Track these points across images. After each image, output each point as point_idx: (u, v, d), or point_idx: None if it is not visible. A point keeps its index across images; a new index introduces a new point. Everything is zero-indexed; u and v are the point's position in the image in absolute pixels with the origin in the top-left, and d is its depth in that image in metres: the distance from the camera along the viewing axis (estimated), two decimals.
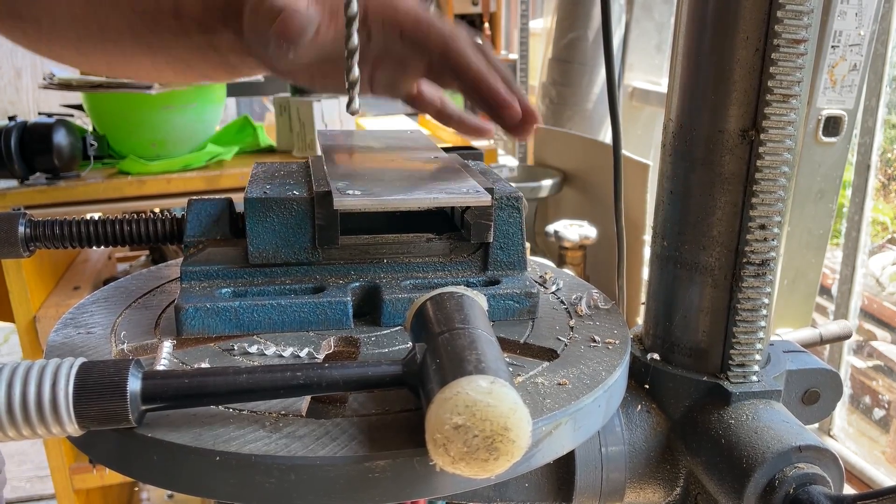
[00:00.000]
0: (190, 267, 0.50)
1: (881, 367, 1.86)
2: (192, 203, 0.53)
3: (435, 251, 0.54)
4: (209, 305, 0.47)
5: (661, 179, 0.54)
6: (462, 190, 0.50)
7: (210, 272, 0.50)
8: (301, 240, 0.50)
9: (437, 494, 0.38)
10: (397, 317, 0.50)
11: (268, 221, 0.50)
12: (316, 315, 0.49)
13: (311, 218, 0.50)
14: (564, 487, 0.53)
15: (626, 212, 0.63)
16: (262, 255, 0.50)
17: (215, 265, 0.51)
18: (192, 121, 1.69)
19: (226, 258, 0.51)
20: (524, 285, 0.52)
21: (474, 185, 0.51)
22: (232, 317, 0.48)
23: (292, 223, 0.50)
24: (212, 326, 0.47)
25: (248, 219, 0.50)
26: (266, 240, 0.50)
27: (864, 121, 1.58)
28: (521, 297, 0.52)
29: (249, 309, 0.48)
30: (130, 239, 0.55)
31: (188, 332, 0.47)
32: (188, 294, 0.49)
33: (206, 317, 0.47)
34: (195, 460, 0.36)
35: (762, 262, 0.50)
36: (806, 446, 0.46)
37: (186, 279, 0.50)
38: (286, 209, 0.50)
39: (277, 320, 0.48)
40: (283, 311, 0.48)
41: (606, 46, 0.61)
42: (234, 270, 0.51)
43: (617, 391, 0.47)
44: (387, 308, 0.50)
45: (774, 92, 0.46)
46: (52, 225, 0.53)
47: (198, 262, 0.51)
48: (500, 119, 0.62)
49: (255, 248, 0.50)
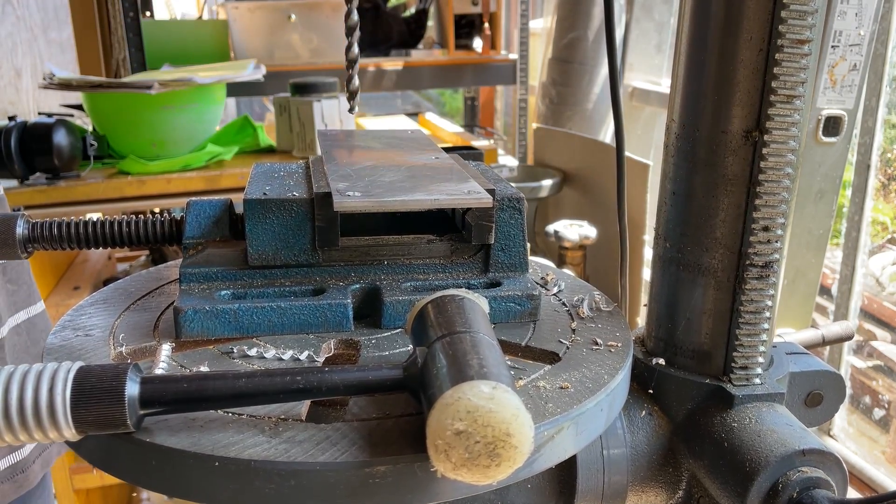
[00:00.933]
0: (189, 268, 0.50)
1: (881, 367, 1.86)
2: (192, 204, 0.53)
3: (436, 253, 0.53)
4: (208, 308, 0.47)
5: (664, 180, 0.53)
6: (463, 191, 0.50)
7: (209, 274, 0.50)
8: (301, 241, 0.50)
9: (438, 500, 0.37)
10: (398, 319, 0.49)
11: (267, 223, 0.49)
12: (316, 317, 0.48)
13: (311, 219, 0.50)
14: (566, 491, 0.53)
15: (626, 211, 0.63)
16: (262, 257, 0.50)
17: (215, 267, 0.50)
18: (192, 121, 1.69)
19: (225, 259, 0.51)
20: (526, 287, 0.52)
21: (475, 186, 0.51)
22: (231, 319, 0.47)
23: (292, 224, 0.50)
24: (211, 329, 0.47)
25: (248, 220, 0.49)
26: (266, 241, 0.50)
27: (864, 121, 1.58)
28: (523, 299, 0.51)
29: (249, 311, 0.47)
30: (129, 240, 0.55)
31: (187, 335, 0.47)
32: (187, 296, 0.48)
33: (206, 319, 0.47)
34: (194, 466, 0.36)
35: (765, 264, 0.49)
36: (809, 450, 0.45)
37: (186, 281, 0.50)
38: (286, 210, 0.49)
39: (277, 323, 0.48)
40: (283, 313, 0.48)
41: (609, 46, 0.61)
42: (234, 272, 0.50)
43: (619, 395, 0.47)
44: (387, 310, 0.49)
45: (778, 93, 0.46)
46: (51, 226, 0.53)
47: (197, 263, 0.50)
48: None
49: (255, 249, 0.50)
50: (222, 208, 0.53)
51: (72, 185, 1.56)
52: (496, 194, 0.51)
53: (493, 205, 0.50)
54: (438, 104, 5.45)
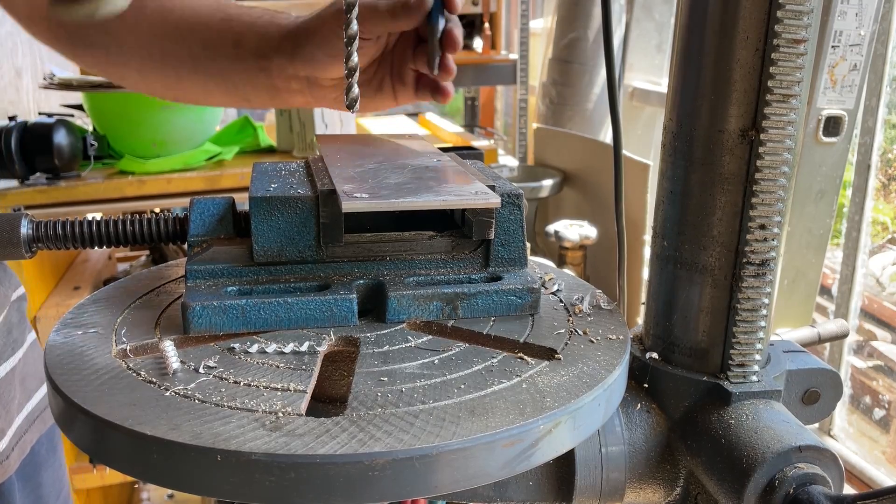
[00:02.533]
0: (195, 265, 0.51)
1: (881, 367, 1.86)
2: (196, 202, 0.53)
3: (437, 248, 0.54)
4: (216, 303, 0.47)
5: (661, 179, 0.54)
6: (471, 192, 0.50)
7: (215, 270, 0.51)
8: (306, 238, 0.51)
9: (437, 493, 0.38)
10: (402, 313, 0.50)
11: (273, 220, 0.50)
12: (322, 312, 0.49)
13: (315, 216, 0.50)
14: (564, 487, 0.53)
15: (626, 212, 0.63)
16: (268, 254, 0.51)
17: (220, 264, 0.51)
18: (192, 121, 1.69)
19: (230, 256, 0.51)
20: (526, 281, 0.53)
21: (482, 187, 0.52)
22: (239, 314, 0.48)
23: (297, 221, 0.50)
24: (219, 324, 0.48)
25: (254, 217, 0.50)
26: (271, 238, 0.50)
27: (865, 121, 1.58)
28: (524, 292, 0.52)
29: (256, 307, 0.48)
30: (133, 239, 0.55)
31: (195, 331, 0.47)
32: (195, 292, 0.49)
33: (214, 315, 0.47)
34: (195, 459, 0.36)
35: (762, 262, 0.50)
36: (806, 446, 0.46)
37: (192, 278, 0.50)
38: (291, 208, 0.50)
39: (284, 318, 0.48)
40: (290, 308, 0.48)
41: (607, 46, 0.61)
42: (240, 269, 0.51)
43: (617, 390, 0.47)
44: (391, 304, 0.50)
45: (774, 92, 0.46)
46: (55, 225, 0.53)
47: (203, 260, 0.51)
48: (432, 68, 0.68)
49: (261, 246, 0.50)
50: (226, 206, 0.54)
51: (72, 185, 1.56)
52: (496, 190, 0.52)
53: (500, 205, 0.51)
54: (438, 104, 5.45)
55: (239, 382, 0.42)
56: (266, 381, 0.42)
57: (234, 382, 0.42)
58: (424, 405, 0.40)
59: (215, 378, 0.43)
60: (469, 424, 0.39)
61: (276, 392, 0.41)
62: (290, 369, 0.44)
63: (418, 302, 0.50)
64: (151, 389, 0.41)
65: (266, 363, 0.45)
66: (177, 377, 0.43)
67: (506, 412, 0.40)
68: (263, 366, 0.44)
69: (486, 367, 0.45)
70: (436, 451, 0.37)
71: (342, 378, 0.49)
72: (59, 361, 0.45)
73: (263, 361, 0.45)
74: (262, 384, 0.42)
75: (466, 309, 0.51)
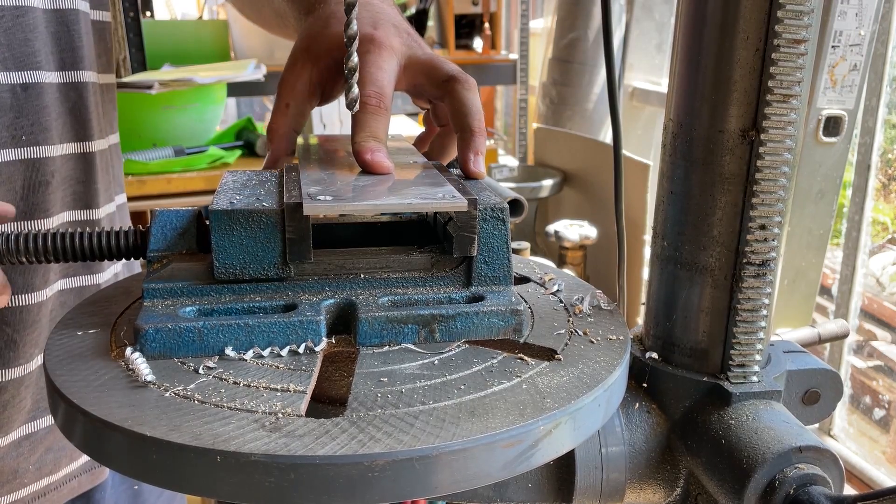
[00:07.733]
0: (152, 284, 0.47)
1: (881, 367, 1.86)
2: (158, 214, 0.50)
3: (416, 265, 0.51)
4: (171, 326, 0.44)
5: (662, 179, 0.54)
6: (437, 195, 0.48)
7: (174, 289, 0.47)
8: (271, 255, 0.48)
9: (437, 494, 0.38)
10: (374, 336, 0.47)
11: (235, 235, 0.47)
12: (286, 335, 0.46)
13: (281, 231, 0.47)
14: (564, 488, 0.53)
15: (626, 212, 0.63)
16: (229, 271, 0.47)
17: (179, 282, 0.48)
18: (193, 121, 1.69)
19: (191, 274, 0.48)
20: (510, 302, 0.49)
21: (451, 189, 0.49)
22: (196, 338, 0.45)
23: (261, 237, 0.47)
24: (173, 349, 0.45)
25: (214, 232, 0.47)
26: (233, 255, 0.47)
27: (865, 121, 1.58)
28: (507, 314, 0.48)
29: (214, 329, 0.45)
30: (86, 255, 0.51)
31: (149, 355, 0.44)
32: (150, 313, 0.46)
33: (168, 338, 0.44)
34: (195, 460, 0.36)
35: (762, 263, 0.50)
36: (806, 447, 0.46)
37: (149, 297, 0.47)
38: (254, 222, 0.47)
39: (245, 341, 0.45)
40: (251, 331, 0.45)
41: (607, 46, 0.61)
42: (200, 287, 0.48)
43: (617, 391, 0.47)
44: (363, 327, 0.47)
45: (775, 92, 0.46)
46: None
47: (161, 278, 0.48)
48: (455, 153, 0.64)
49: (222, 263, 0.47)
50: (189, 219, 0.50)
51: None
52: (479, 204, 0.49)
53: (468, 210, 0.48)
54: None
55: (238, 383, 0.42)
56: (266, 382, 0.42)
57: (233, 383, 0.42)
58: (424, 406, 0.40)
59: (215, 379, 0.43)
60: (469, 425, 0.39)
61: (275, 393, 0.41)
62: (290, 370, 0.44)
63: (392, 325, 0.47)
64: (151, 390, 0.41)
65: (265, 364, 0.45)
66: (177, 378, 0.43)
67: (506, 413, 0.40)
68: (263, 366, 0.44)
69: (486, 367, 0.45)
70: (436, 452, 0.37)
71: (342, 379, 0.48)
72: (58, 362, 0.44)
73: (263, 362, 0.45)
74: (262, 385, 0.42)
75: (444, 332, 0.48)
